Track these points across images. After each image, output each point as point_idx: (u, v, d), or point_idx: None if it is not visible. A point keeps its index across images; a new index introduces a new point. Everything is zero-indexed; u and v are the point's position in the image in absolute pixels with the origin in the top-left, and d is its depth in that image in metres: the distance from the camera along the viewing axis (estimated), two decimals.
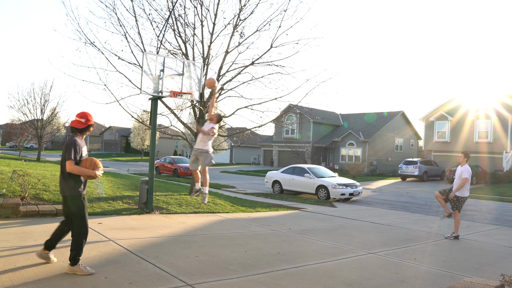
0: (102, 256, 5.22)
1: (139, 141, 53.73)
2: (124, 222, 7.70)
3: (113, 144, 73.05)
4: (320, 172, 17.12)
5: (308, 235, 7.82)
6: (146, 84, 8.72)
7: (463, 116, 31.71)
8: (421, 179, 29.81)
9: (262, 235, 7.56)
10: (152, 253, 5.53)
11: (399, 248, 7.05)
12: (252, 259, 5.63)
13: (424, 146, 34.93)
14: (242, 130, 13.83)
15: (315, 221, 9.95)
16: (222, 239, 6.83)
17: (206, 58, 11.97)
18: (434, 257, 6.46)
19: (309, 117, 36.70)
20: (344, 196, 15.51)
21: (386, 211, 12.98)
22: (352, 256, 6.25)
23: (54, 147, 75.75)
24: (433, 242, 7.84)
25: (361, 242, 7.41)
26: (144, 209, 8.92)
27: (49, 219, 7.27)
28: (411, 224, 10.09)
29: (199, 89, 9.60)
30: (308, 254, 6.19)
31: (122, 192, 10.71)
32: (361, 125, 41.44)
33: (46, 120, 33.47)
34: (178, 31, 11.75)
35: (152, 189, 8.98)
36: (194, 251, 5.84)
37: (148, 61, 8.79)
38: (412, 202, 16.30)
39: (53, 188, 9.51)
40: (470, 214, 13.20)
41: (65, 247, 5.09)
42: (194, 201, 10.73)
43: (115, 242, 6.03)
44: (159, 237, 6.64)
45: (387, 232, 8.76)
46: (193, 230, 7.53)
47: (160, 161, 28.00)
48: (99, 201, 9.09)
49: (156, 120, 9.29)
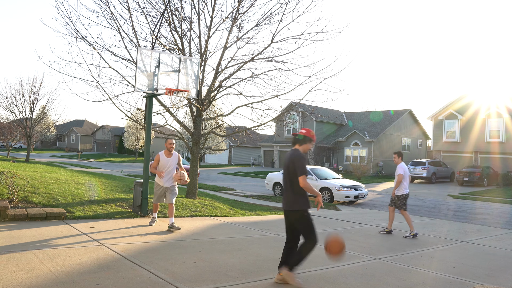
0: (94, 261, 5.21)
1: (133, 141, 53.74)
2: (118, 226, 7.70)
3: (106, 144, 73.07)
4: (323, 174, 17.12)
5: None
6: (141, 81, 8.72)
7: (474, 115, 31.72)
8: (430, 181, 29.82)
9: (262, 240, 7.56)
10: (147, 259, 5.52)
11: (406, 253, 7.05)
12: (252, 265, 5.62)
13: (433, 146, 34.94)
14: (242, 129, 13.83)
15: (318, 225, 9.88)
16: (221, 244, 6.83)
17: (203, 53, 11.98)
18: (443, 263, 6.46)
19: (311, 115, 36.72)
20: (348, 198, 15.51)
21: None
22: (357, 262, 6.25)
23: (43, 147, 75.76)
24: (442, 247, 7.84)
25: (367, 247, 7.41)
26: (138, 213, 8.92)
27: (38, 223, 7.27)
28: (419, 228, 10.08)
29: (196, 86, 9.60)
30: (311, 260, 6.18)
31: (115, 195, 10.71)
32: (367, 124, 41.45)
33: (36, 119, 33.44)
34: (174, 26, 11.75)
35: (147, 191, 8.98)
36: (191, 257, 5.83)
37: (142, 57, 8.79)
38: (420, 205, 16.30)
39: (43, 190, 9.51)
40: (481, 217, 13.19)
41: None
42: (191, 204, 10.73)
43: (108, 247, 6.02)
44: (154, 242, 6.63)
45: (394, 236, 8.76)
46: (190, 235, 7.53)
47: None
48: (91, 204, 9.09)
49: (151, 118, 9.29)
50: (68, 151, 71.30)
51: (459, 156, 32.69)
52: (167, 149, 8.10)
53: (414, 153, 42.01)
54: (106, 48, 11.20)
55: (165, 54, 9.48)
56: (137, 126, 50.29)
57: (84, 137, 75.77)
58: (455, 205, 16.87)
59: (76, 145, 74.50)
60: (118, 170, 30.31)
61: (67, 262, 5.09)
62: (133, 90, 9.04)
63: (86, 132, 76.56)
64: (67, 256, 5.35)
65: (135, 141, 53.57)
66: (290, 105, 24.06)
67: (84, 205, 8.93)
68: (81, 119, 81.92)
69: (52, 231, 6.74)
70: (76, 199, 9.29)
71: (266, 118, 12.67)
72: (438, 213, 14.17)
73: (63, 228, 7.05)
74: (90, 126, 79.84)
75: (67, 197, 9.25)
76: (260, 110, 12.48)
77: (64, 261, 5.14)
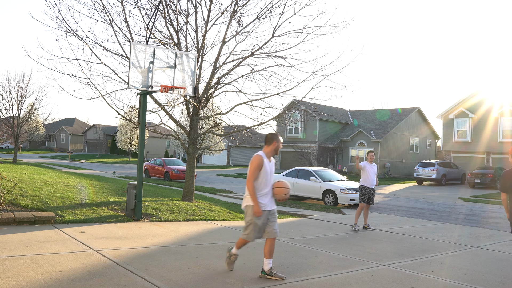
0: (85, 268, 5.21)
1: (126, 141, 53.77)
2: (110, 230, 7.70)
3: (98, 144, 73.11)
4: (327, 175, 17.13)
5: (313, 245, 7.82)
6: (134, 78, 8.73)
7: (486, 113, 31.71)
8: (439, 183, 29.83)
9: (263, 245, 7.54)
10: (141, 265, 5.52)
11: (415, 259, 7.05)
12: (251, 272, 5.62)
13: (443, 146, 34.96)
14: (241, 128, 13.82)
15: (321, 229, 9.96)
16: (219, 250, 6.83)
17: (200, 48, 11.98)
18: (454, 270, 6.46)
19: (315, 114, 36.72)
20: (353, 201, 15.51)
21: (401, 218, 12.98)
22: (363, 268, 6.25)
23: (32, 147, 75.80)
24: (452, 252, 7.84)
25: (373, 252, 7.42)
26: (131, 216, 8.92)
27: (26, 227, 7.27)
28: (428, 232, 10.09)
29: (193, 83, 9.60)
30: (314, 266, 6.19)
31: (108, 198, 10.71)
32: (373, 123, 41.48)
33: (23, 118, 33.48)
34: (169, 19, 11.75)
35: (141, 194, 8.99)
36: (187, 263, 5.83)
37: (136, 52, 8.79)
38: (429, 209, 16.31)
39: (31, 193, 9.51)
40: (493, 222, 13.19)
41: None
42: (188, 207, 10.74)
43: (100, 252, 6.03)
44: (148, 247, 6.63)
45: (401, 241, 8.76)
46: (187, 240, 7.53)
47: (150, 163, 28.01)
48: (82, 208, 9.10)
49: (145, 117, 9.29)
50: (57, 151, 71.34)
51: (470, 156, 32.69)
52: (273, 150, 5.52)
53: (423, 154, 42.03)
54: (98, 43, 11.22)
55: (160, 49, 9.48)
56: (130, 125, 50.30)
57: (75, 136, 75.79)
58: (466, 208, 16.87)
59: (66, 145, 74.51)
60: (110, 172, 30.33)
61: (56, 269, 5.09)
62: (127, 87, 9.06)
63: (76, 131, 76.57)
64: (57, 263, 5.35)
65: (128, 141, 53.60)
66: (292, 103, 24.11)
67: (74, 208, 8.93)
68: (71, 117, 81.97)
69: (41, 236, 6.75)
70: (66, 202, 9.30)
71: (266, 117, 12.68)
72: (448, 217, 14.17)
73: (52, 233, 7.06)
74: (81, 125, 79.85)
75: (57, 200, 9.25)
76: (260, 108, 12.50)
77: (53, 267, 5.14)
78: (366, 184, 10.16)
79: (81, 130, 77.28)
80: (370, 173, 10.18)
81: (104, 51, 11.31)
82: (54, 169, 25.35)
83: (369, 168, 10.19)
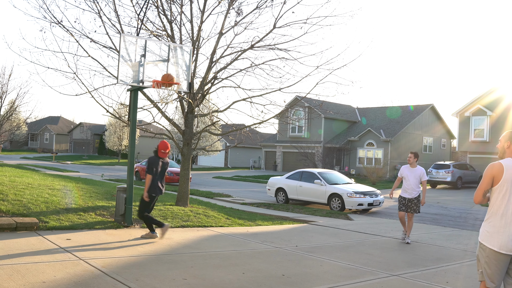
0: (70, 278, 5.22)
1: (115, 141, 53.77)
2: (98, 237, 7.70)
3: (85, 144, 73.13)
4: (333, 178, 17.13)
5: (318, 253, 7.83)
6: (124, 72, 8.73)
7: (505, 111, 31.72)
8: (455, 186, 29.85)
9: (263, 254, 7.57)
10: (131, 275, 5.53)
11: (428, 269, 7.06)
12: (251, 283, 5.63)
13: (458, 146, 34.99)
14: (240, 127, 13.84)
15: (327, 236, 9.96)
16: (216, 259, 6.84)
17: (196, 40, 11.98)
18: (470, 280, 6.46)
19: (319, 111, 36.72)
20: (362, 206, 15.51)
21: (413, 224, 12.98)
22: (372, 278, 6.26)
23: (13, 147, 75.82)
24: (469, 262, 7.85)
25: (383, 261, 7.42)
26: (121, 222, 8.92)
27: (7, 234, 7.27)
28: (442, 240, 10.09)
29: (187, 78, 9.61)
30: (319, 276, 6.19)
31: (95, 202, 10.72)
32: (383, 122, 41.50)
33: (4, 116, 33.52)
34: (162, 8, 11.76)
35: (132, 198, 8.99)
36: (181, 273, 5.84)
37: (126, 44, 8.80)
38: (444, 214, 16.32)
39: (12, 197, 9.51)
40: None
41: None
42: (182, 212, 10.74)
43: (87, 261, 6.03)
44: (139, 256, 6.64)
45: (413, 249, 8.77)
46: (181, 248, 7.53)
47: (141, 165, 27.99)
48: (67, 213, 9.10)
49: (136, 115, 9.29)
50: (41, 152, 71.36)
51: (488, 158, 32.67)
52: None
53: (437, 155, 42.05)
54: (85, 34, 11.22)
55: (152, 41, 9.48)
56: (120, 123, 50.28)
57: (60, 136, 75.83)
58: (484, 213, 16.87)
59: (50, 145, 74.55)
60: (98, 174, 30.33)
61: (40, 279, 5.09)
62: (116, 83, 9.04)
63: (61, 130, 76.58)
64: (40, 273, 5.35)
65: (117, 141, 53.59)
66: (295, 99, 24.10)
67: (59, 213, 8.93)
68: (56, 115, 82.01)
69: (23, 244, 6.74)
70: (50, 207, 9.30)
71: (267, 115, 12.68)
72: (465, 223, 14.18)
73: (35, 241, 7.06)
74: (66, 123, 79.87)
75: (40, 205, 9.25)
76: (261, 105, 12.50)
77: (36, 278, 5.14)
78: (404, 194, 9.41)
79: (67, 129, 77.29)
80: (410, 178, 9.29)
81: (91, 43, 11.32)
82: (38, 171, 25.34)
83: (409, 174, 9.32)
